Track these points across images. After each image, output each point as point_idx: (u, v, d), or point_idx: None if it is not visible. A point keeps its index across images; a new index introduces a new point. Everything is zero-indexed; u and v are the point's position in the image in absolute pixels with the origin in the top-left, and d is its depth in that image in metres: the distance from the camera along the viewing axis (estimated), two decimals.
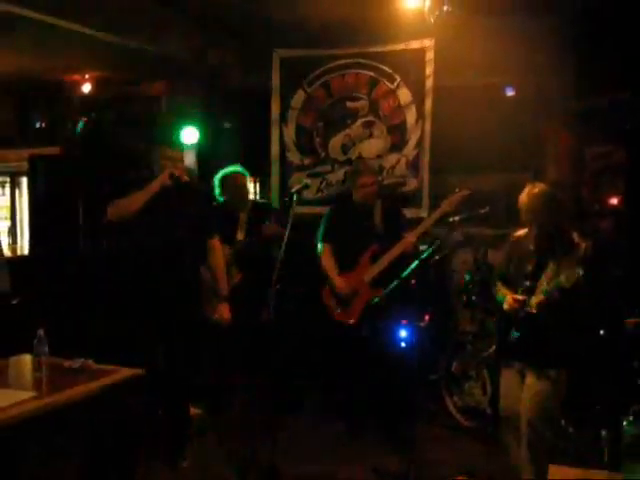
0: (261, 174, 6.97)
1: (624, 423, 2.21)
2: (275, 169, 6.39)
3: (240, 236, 5.18)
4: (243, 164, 5.35)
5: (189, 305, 4.35)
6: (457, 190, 4.79)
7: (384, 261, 4.85)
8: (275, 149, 6.42)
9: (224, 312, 4.55)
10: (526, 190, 3.73)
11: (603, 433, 2.40)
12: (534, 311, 3.59)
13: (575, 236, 3.65)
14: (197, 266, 4.51)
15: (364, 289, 4.86)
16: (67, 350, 3.37)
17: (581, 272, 3.32)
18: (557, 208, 3.67)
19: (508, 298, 3.73)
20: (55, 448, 2.89)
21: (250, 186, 5.70)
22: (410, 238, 4.82)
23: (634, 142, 5.47)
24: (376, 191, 5.08)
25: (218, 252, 4.55)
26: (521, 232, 3.88)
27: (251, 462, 4.17)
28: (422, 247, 4.82)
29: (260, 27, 6.07)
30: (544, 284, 3.59)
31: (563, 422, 4.16)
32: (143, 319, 4.15)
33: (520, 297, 3.67)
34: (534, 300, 3.61)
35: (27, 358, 3.38)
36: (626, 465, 2.22)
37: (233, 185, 5.19)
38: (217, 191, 5.17)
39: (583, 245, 3.59)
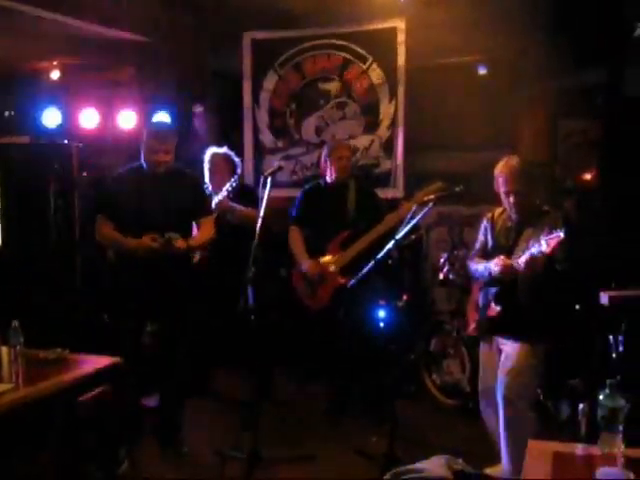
0: None
1: (600, 397, 2.22)
2: (248, 152, 6.35)
3: None
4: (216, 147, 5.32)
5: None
6: (434, 182, 4.75)
7: (354, 250, 4.78)
8: (248, 132, 6.38)
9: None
10: (503, 161, 3.77)
11: (580, 407, 2.41)
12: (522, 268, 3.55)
13: (546, 207, 3.76)
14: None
15: (332, 276, 4.82)
16: (39, 342, 3.34)
17: (561, 234, 3.34)
18: (532, 180, 3.73)
19: (496, 260, 3.70)
20: (33, 438, 2.87)
21: None
22: (382, 229, 4.74)
23: (609, 118, 5.49)
24: (351, 167, 5.05)
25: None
26: (498, 210, 3.91)
27: (234, 446, 4.17)
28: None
29: (230, 8, 5.99)
30: (520, 251, 3.60)
31: (541, 396, 4.20)
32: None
33: (507, 261, 3.66)
34: (522, 259, 3.54)
35: (2, 350, 3.34)
36: (603, 438, 2.24)
37: None
38: None
39: (555, 213, 3.71)
